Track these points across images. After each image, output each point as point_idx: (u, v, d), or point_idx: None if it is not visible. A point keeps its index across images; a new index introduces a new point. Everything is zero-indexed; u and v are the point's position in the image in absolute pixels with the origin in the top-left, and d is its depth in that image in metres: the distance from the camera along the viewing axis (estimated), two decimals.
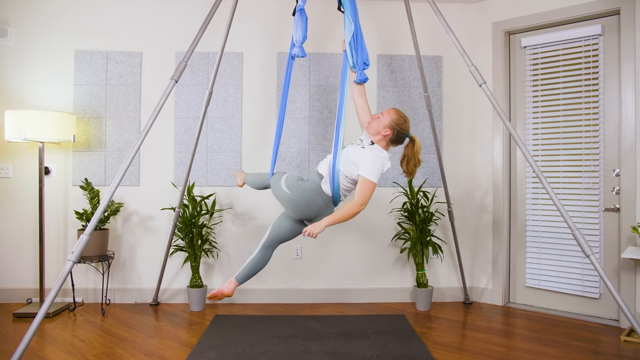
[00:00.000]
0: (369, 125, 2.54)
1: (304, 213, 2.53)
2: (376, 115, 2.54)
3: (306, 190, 2.49)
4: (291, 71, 2.70)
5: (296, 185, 2.53)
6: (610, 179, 3.27)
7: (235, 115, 3.78)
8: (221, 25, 3.41)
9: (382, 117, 2.50)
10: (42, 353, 2.68)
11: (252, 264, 2.65)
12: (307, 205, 2.49)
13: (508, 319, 3.38)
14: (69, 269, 2.18)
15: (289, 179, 2.59)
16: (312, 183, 2.52)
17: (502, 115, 2.56)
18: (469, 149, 3.88)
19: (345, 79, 2.56)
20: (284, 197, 2.56)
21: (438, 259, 3.84)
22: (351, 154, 2.45)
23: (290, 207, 2.56)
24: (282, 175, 2.66)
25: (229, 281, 2.65)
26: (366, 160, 2.39)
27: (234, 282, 2.64)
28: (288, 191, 2.53)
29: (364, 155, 2.41)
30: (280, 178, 2.63)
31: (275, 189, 2.64)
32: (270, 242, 2.65)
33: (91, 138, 3.71)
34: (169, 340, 2.92)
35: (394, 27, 3.84)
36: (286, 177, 2.61)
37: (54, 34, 3.69)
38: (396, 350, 2.70)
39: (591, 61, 3.34)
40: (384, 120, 2.49)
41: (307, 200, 2.48)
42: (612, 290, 2.25)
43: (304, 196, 2.48)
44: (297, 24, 2.55)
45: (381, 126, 2.48)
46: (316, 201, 2.47)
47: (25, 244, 3.68)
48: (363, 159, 2.40)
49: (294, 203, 2.52)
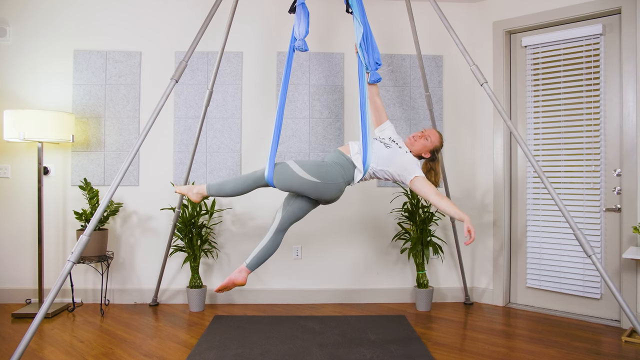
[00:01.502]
0: (415, 141, 2.64)
1: (328, 196, 2.50)
2: (423, 135, 2.64)
3: (337, 178, 2.47)
4: (291, 65, 2.64)
5: (322, 172, 2.45)
6: (611, 179, 3.26)
7: (235, 115, 3.77)
8: (221, 25, 3.40)
9: (429, 140, 2.63)
10: (41, 354, 2.67)
11: (265, 249, 2.50)
12: (335, 191, 2.49)
13: (509, 320, 3.37)
14: (68, 269, 2.17)
15: (306, 166, 2.45)
16: (342, 171, 2.49)
17: (503, 115, 2.55)
18: (469, 148, 3.87)
19: (363, 81, 2.60)
20: (306, 186, 2.43)
21: (438, 259, 3.83)
22: (397, 157, 2.54)
23: (314, 192, 2.46)
24: (288, 164, 2.47)
25: (240, 269, 2.45)
26: (413, 163, 2.56)
27: (245, 270, 2.46)
28: (316, 179, 2.42)
29: (411, 161, 2.56)
30: (291, 168, 2.44)
31: (288, 180, 2.44)
32: (283, 225, 2.54)
33: (90, 138, 3.70)
34: (168, 340, 2.91)
35: (394, 27, 3.83)
36: (300, 164, 2.46)
37: (53, 33, 3.68)
38: (396, 351, 2.69)
39: (592, 61, 3.33)
40: (430, 144, 2.63)
41: (336, 188, 2.48)
42: (614, 291, 2.24)
43: (335, 183, 2.47)
44: (299, 17, 2.55)
45: (426, 149, 2.64)
46: (342, 187, 2.51)
47: (24, 245, 3.67)
48: (411, 163, 2.55)
49: (322, 189, 2.45)
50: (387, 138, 2.66)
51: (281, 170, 2.44)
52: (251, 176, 2.54)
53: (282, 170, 2.44)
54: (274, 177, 2.44)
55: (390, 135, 2.69)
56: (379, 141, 2.62)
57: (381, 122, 2.78)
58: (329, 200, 2.55)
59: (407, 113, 3.83)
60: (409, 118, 3.83)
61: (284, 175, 2.43)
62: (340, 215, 3.80)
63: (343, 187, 2.52)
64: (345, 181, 2.51)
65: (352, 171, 2.52)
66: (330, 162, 2.52)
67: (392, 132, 2.75)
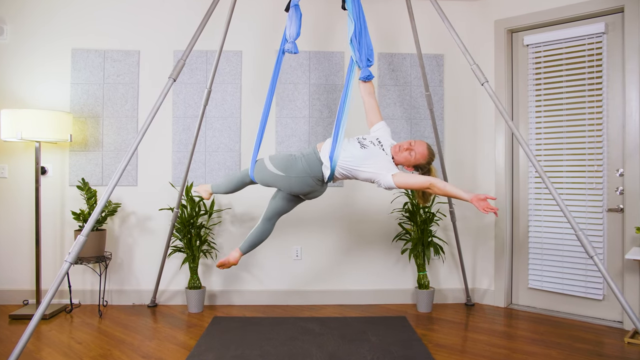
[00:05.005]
0: (399, 151, 2.52)
1: (298, 190, 2.57)
2: (409, 149, 2.51)
3: (299, 172, 2.50)
4: (280, 66, 2.70)
5: (287, 165, 2.52)
6: (613, 179, 3.23)
7: (234, 115, 3.74)
8: (220, 23, 3.38)
9: (412, 156, 2.50)
10: (38, 355, 2.64)
11: (255, 234, 2.77)
12: (301, 185, 2.53)
13: (510, 321, 3.35)
14: (65, 270, 2.15)
15: (275, 159, 2.57)
16: (305, 165, 2.50)
17: (504, 115, 2.52)
18: (470, 148, 3.84)
19: (350, 77, 2.61)
20: (276, 180, 2.55)
21: (439, 260, 3.81)
22: (371, 159, 2.45)
23: (284, 186, 2.56)
24: (263, 160, 2.61)
25: (235, 250, 2.80)
26: (389, 163, 2.49)
27: (238, 252, 2.79)
28: (281, 173, 2.52)
29: (387, 162, 2.49)
30: (264, 163, 2.59)
31: (263, 175, 2.59)
32: (268, 215, 2.75)
33: (88, 137, 3.67)
34: (167, 342, 2.88)
35: (395, 25, 3.80)
36: (270, 159, 2.58)
37: (50, 32, 3.65)
38: (397, 353, 2.66)
39: (595, 60, 3.30)
40: (413, 159, 2.51)
41: (300, 182, 2.52)
42: (616, 292, 2.21)
43: (298, 177, 2.51)
44: (291, 19, 2.56)
45: (408, 163, 2.53)
46: (309, 182, 2.52)
47: (21, 245, 3.65)
48: (386, 163, 2.47)
49: (288, 183, 2.53)
50: (374, 139, 2.58)
51: (258, 166, 2.62)
52: (239, 174, 2.81)
53: (259, 166, 2.61)
54: (254, 174, 2.64)
55: (379, 137, 2.61)
56: (358, 141, 2.54)
57: (375, 122, 2.72)
58: (299, 193, 2.60)
59: (407, 112, 3.81)
60: (409, 117, 3.81)
61: (260, 171, 2.60)
62: (341, 216, 3.77)
63: (310, 182, 2.51)
64: (312, 176, 2.50)
65: (318, 167, 2.50)
66: (298, 156, 2.55)
67: (384, 133, 2.66)
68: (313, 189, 2.57)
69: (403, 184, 2.39)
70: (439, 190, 2.33)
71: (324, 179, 2.54)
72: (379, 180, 2.43)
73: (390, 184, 2.38)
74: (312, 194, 2.62)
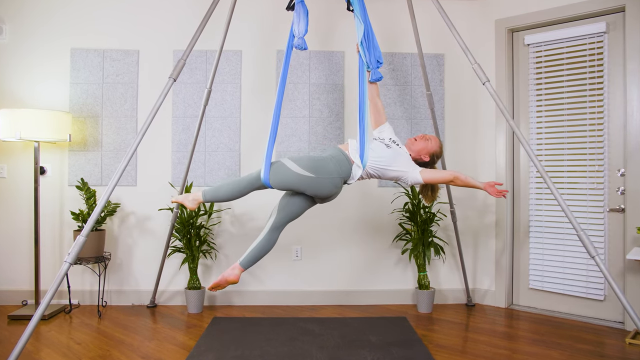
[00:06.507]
0: (415, 142, 2.64)
1: (326, 192, 2.46)
2: (424, 137, 2.65)
3: (331, 172, 2.43)
4: (289, 63, 2.61)
5: (318, 166, 2.41)
6: (615, 178, 3.22)
7: (234, 114, 3.73)
8: (220, 23, 3.36)
9: (430, 144, 2.64)
10: (37, 356, 2.63)
11: (259, 247, 2.47)
12: (330, 186, 2.44)
13: (511, 321, 3.34)
14: (65, 270, 2.15)
15: (301, 161, 2.42)
16: (337, 166, 2.45)
17: (505, 114, 2.52)
18: (471, 148, 3.83)
19: (363, 79, 2.58)
20: (302, 182, 2.40)
21: (440, 260, 3.80)
22: (398, 157, 2.55)
23: (310, 188, 2.42)
24: (283, 162, 2.43)
25: (233, 267, 2.43)
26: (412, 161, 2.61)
27: (238, 268, 2.43)
28: (311, 174, 2.39)
29: (410, 160, 2.61)
30: (285, 165, 2.41)
31: (283, 177, 2.40)
32: (279, 223, 2.51)
33: (87, 137, 3.66)
34: (166, 342, 2.87)
35: (395, 25, 3.79)
36: (294, 160, 2.42)
37: (49, 31, 3.64)
38: (397, 353, 2.65)
39: (596, 59, 3.29)
40: (431, 146, 2.64)
41: (330, 183, 2.43)
42: (617, 292, 2.21)
43: (329, 178, 2.43)
44: (298, 15, 2.52)
45: (426, 150, 2.63)
46: (337, 183, 2.47)
47: (20, 245, 3.63)
48: (410, 161, 2.59)
49: (317, 184, 2.41)
50: (387, 139, 2.64)
51: (277, 169, 2.41)
52: (246, 178, 2.51)
53: (278, 168, 2.41)
54: (270, 177, 2.41)
55: (390, 136, 2.67)
56: (378, 141, 2.60)
57: (380, 124, 2.73)
58: (325, 196, 2.50)
59: (408, 112, 3.80)
60: (409, 117, 3.80)
61: (280, 173, 2.40)
62: (341, 216, 3.76)
63: (339, 183, 2.46)
64: (341, 177, 2.46)
65: (348, 167, 2.47)
66: (326, 157, 2.50)
67: (391, 133, 2.72)
68: (338, 191, 2.50)
69: (430, 179, 2.51)
70: (461, 182, 2.49)
71: (348, 180, 2.51)
72: (406, 177, 2.52)
73: (418, 179, 2.50)
74: (332, 197, 2.53)
